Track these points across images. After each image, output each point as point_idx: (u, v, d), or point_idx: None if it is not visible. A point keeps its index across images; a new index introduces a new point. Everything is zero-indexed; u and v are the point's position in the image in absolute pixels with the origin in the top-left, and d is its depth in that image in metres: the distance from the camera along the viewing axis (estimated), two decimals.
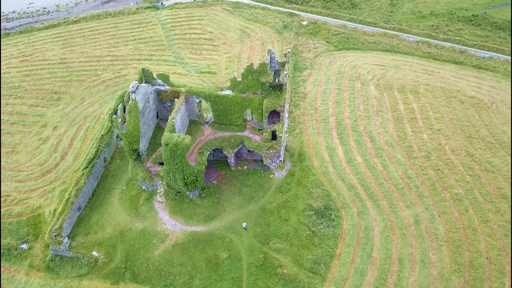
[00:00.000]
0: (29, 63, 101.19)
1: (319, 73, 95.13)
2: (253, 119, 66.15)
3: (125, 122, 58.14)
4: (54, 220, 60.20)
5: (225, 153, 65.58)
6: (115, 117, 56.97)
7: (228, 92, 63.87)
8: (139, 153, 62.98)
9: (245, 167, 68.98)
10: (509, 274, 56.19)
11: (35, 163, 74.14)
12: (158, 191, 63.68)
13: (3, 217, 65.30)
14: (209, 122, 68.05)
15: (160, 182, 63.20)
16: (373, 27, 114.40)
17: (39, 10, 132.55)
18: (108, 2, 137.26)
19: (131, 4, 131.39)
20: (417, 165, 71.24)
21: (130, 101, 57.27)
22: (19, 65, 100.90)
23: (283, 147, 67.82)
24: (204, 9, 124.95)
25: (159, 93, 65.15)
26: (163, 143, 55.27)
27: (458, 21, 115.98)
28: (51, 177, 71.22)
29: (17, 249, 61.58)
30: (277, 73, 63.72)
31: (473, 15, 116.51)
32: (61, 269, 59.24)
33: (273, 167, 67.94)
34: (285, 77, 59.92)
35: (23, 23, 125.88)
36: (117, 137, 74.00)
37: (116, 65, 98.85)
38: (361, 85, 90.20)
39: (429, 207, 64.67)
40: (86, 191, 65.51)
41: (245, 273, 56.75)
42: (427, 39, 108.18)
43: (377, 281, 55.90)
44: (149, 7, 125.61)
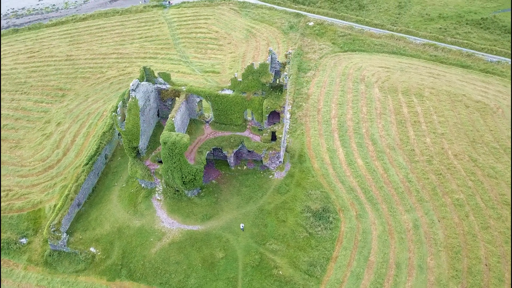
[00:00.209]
0: (36, 59, 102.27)
1: (323, 75, 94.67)
2: (253, 119, 66.03)
3: (124, 119, 58.43)
4: (53, 215, 60.75)
5: (224, 152, 65.55)
6: (114, 114, 57.30)
7: (228, 92, 63.84)
8: (138, 151, 63.23)
9: (245, 167, 68.89)
10: (508, 282, 55.38)
11: (37, 159, 74.91)
12: (156, 189, 63.89)
13: (4, 211, 66.11)
14: (210, 121, 68.07)
15: (159, 180, 63.42)
16: (380, 29, 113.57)
17: (48, 7, 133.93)
18: (116, 0, 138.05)
19: (139, 2, 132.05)
20: (419, 169, 70.53)
21: (130, 99, 57.52)
22: (26, 61, 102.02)
23: (283, 148, 67.60)
24: (211, 8, 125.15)
25: (160, 92, 65.34)
26: (162, 142, 55.46)
27: (466, 24, 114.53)
28: (52, 173, 71.89)
29: (16, 243, 62.27)
30: (278, 74, 63.51)
31: (482, 18, 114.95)
32: (58, 264, 59.77)
33: (272, 168, 67.76)
34: (285, 78, 59.68)
35: (32, 19, 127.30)
36: (119, 134, 74.37)
37: (121, 62, 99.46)
38: (365, 87, 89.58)
39: (429, 211, 64.00)
40: (86, 188, 65.97)
41: (240, 273, 56.66)
42: (434, 42, 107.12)
43: (373, 285, 55.42)
44: (156, 6, 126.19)
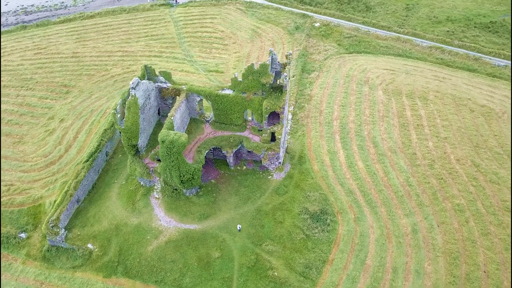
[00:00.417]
0: (42, 56, 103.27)
1: (327, 76, 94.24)
2: (253, 119, 65.94)
3: (124, 117, 58.73)
4: (52, 211, 61.30)
5: (224, 152, 65.57)
6: (114, 112, 57.61)
7: (228, 91, 63.82)
8: (138, 149, 63.48)
9: (244, 167, 68.84)
10: None
11: (40, 154, 75.65)
12: (155, 187, 64.14)
13: (5, 206, 66.84)
14: (210, 121, 68.12)
15: (157, 178, 63.64)
16: (386, 31, 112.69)
17: (57, 4, 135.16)
18: None
19: (147, 0, 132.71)
20: (420, 173, 69.84)
21: (129, 97, 57.78)
22: (32, 58, 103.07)
23: (282, 149, 67.43)
24: (217, 7, 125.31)
25: (160, 90, 65.55)
26: (160, 140, 55.63)
27: (475, 27, 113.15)
28: (54, 169, 72.54)
29: (15, 238, 62.93)
30: (278, 75, 63.33)
31: (491, 22, 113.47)
32: (56, 260, 60.27)
33: (272, 169, 67.61)
34: (285, 79, 59.49)
35: (40, 16, 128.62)
36: (120, 132, 74.76)
37: (126, 60, 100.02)
38: (369, 89, 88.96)
39: (428, 216, 63.33)
40: (85, 184, 66.46)
41: (236, 274, 56.61)
42: (441, 45, 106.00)
43: None
44: (163, 4, 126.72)
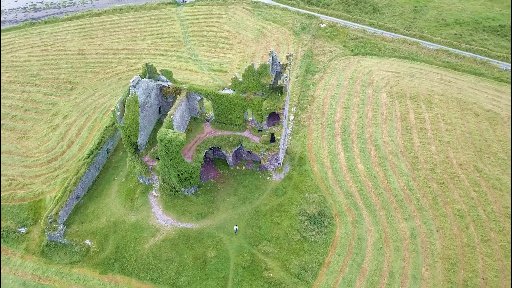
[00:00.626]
0: (49, 53, 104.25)
1: (331, 77, 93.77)
2: (253, 119, 65.82)
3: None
4: (51, 206, 61.82)
5: (223, 152, 65.54)
6: (113, 110, 57.89)
7: (229, 91, 63.78)
8: (137, 147, 63.72)
9: (244, 167, 68.74)
10: None
11: (42, 150, 76.34)
12: (154, 185, 64.33)
13: (6, 200, 67.56)
14: (210, 120, 68.15)
15: (156, 176, 63.83)
16: (393, 33, 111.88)
17: (66, 1, 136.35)
18: None
19: None
20: (421, 177, 69.17)
21: (129, 95, 58.03)
22: (39, 54, 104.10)
23: (282, 150, 67.21)
24: (224, 7, 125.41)
25: (161, 89, 65.73)
26: (158, 139, 55.76)
27: (483, 31, 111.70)
28: (55, 165, 73.14)
29: (15, 232, 63.56)
30: (279, 75, 63.15)
31: (500, 26, 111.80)
32: (54, 255, 60.75)
33: (271, 169, 67.42)
34: (285, 80, 59.28)
35: (49, 13, 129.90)
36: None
37: (131, 58, 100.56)
38: (372, 91, 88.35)
39: (427, 221, 62.69)
40: (86, 181, 66.90)
41: (231, 274, 56.55)
42: (448, 48, 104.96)
43: None
44: (170, 3, 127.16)
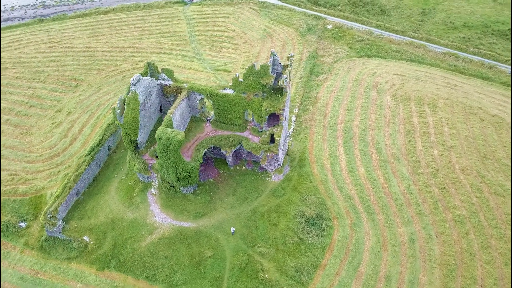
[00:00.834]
0: (56, 49, 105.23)
1: (335, 79, 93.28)
2: (253, 120, 65.71)
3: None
4: (50, 202, 62.36)
5: (223, 152, 65.55)
6: (113, 108, 58.20)
7: (229, 91, 63.75)
8: (137, 145, 63.98)
9: (244, 168, 68.68)
10: None
11: (45, 146, 77.07)
12: (153, 183, 64.55)
13: (8, 195, 68.31)
14: (211, 119, 68.18)
15: (155, 175, 64.03)
16: (400, 35, 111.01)
17: None
18: None
19: None
20: (422, 181, 68.47)
21: (130, 93, 58.29)
22: (46, 51, 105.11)
23: (282, 151, 67.01)
24: (231, 7, 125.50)
25: (162, 88, 65.91)
26: (157, 137, 55.91)
27: (492, 34, 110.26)
28: (57, 161, 73.81)
29: (15, 227, 64.26)
30: (279, 76, 62.95)
31: (509, 29, 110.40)
32: (53, 250, 61.31)
33: (270, 170, 67.26)
34: (285, 81, 59.07)
35: (58, 10, 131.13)
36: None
37: (136, 56, 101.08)
38: (376, 94, 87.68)
39: (427, 226, 62.03)
40: (86, 177, 67.39)
41: (227, 274, 56.53)
42: (455, 51, 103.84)
43: None
44: (177, 2, 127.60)
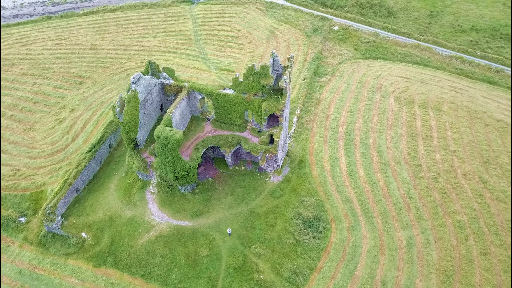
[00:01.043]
0: (62, 47, 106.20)
1: (339, 81, 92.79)
2: (253, 120, 65.62)
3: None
4: (50, 198, 62.91)
5: (222, 151, 65.58)
6: (113, 105, 58.51)
7: (230, 91, 63.74)
8: (137, 143, 64.24)
9: (243, 168, 68.65)
10: None
11: (48, 142, 77.80)
12: (151, 182, 64.79)
13: (10, 190, 69.08)
14: (211, 119, 68.23)
15: (154, 173, 64.25)
16: (406, 37, 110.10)
17: None
18: None
19: None
20: (422, 185, 67.81)
21: (129, 91, 58.56)
22: (53, 48, 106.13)
23: (281, 152, 66.82)
24: (237, 6, 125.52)
25: (163, 86, 66.12)
26: (155, 136, 56.08)
27: (500, 38, 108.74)
28: (59, 157, 74.46)
29: (15, 222, 64.93)
30: (280, 77, 62.77)
31: None
32: (51, 246, 61.84)
33: (269, 171, 67.13)
34: (284, 82, 58.88)
35: (66, 8, 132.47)
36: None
37: (141, 55, 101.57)
38: (380, 96, 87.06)
39: (426, 231, 61.40)
40: (86, 174, 67.86)
41: (222, 274, 56.51)
42: (462, 55, 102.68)
43: None
44: (184, 1, 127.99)
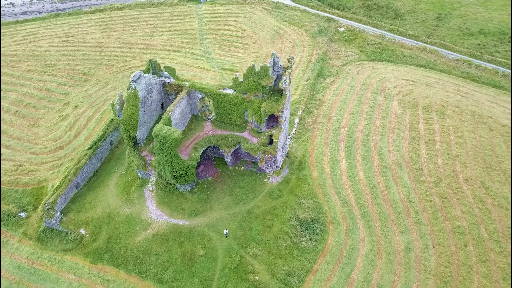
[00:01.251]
0: (68, 44, 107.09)
1: (343, 82, 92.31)
2: (253, 121, 65.51)
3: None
4: (49, 194, 63.46)
5: (221, 151, 65.58)
6: (112, 103, 58.82)
7: (230, 91, 63.72)
8: (136, 141, 64.50)
9: (242, 168, 68.58)
10: None
11: (50, 138, 78.52)
12: (150, 180, 65.02)
13: (11, 185, 69.81)
14: (211, 119, 68.27)
15: (153, 171, 64.46)
16: (413, 40, 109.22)
17: None
18: None
19: None
20: (423, 189, 67.14)
21: (129, 89, 58.81)
22: (59, 45, 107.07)
23: (281, 153, 66.63)
24: (243, 6, 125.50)
25: (164, 85, 66.30)
26: (154, 134, 56.26)
27: (509, 42, 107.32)
28: (61, 153, 75.09)
29: (15, 216, 65.63)
30: (280, 78, 62.57)
31: None
32: (49, 241, 62.39)
33: (268, 172, 66.99)
34: (284, 83, 58.67)
35: (74, 5, 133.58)
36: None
37: (146, 53, 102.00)
38: (384, 99, 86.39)
39: (424, 235, 60.79)
40: (86, 171, 68.33)
41: (217, 273, 56.51)
42: (469, 58, 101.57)
43: None
44: (191, 0, 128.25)
